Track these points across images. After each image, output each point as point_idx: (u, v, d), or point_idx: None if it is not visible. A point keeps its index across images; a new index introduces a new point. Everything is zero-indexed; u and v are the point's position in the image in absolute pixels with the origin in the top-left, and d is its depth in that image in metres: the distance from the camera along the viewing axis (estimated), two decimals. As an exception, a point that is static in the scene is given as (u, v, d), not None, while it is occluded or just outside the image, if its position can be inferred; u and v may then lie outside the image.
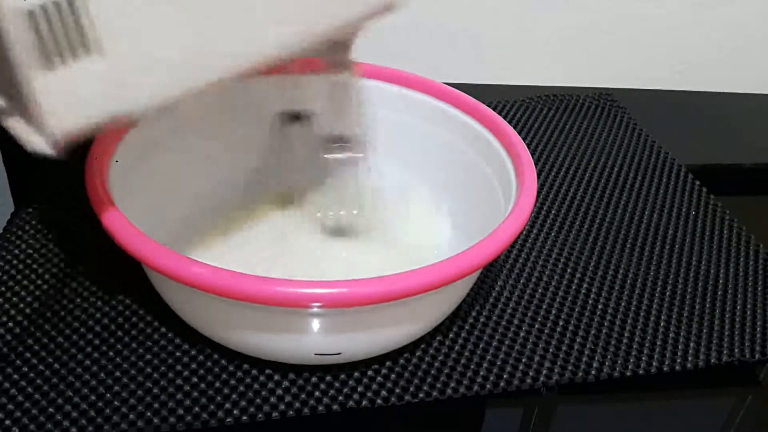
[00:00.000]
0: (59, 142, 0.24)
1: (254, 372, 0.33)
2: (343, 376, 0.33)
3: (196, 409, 0.31)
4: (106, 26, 0.23)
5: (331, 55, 0.35)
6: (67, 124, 0.24)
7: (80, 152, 0.32)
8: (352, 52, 0.35)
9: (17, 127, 0.24)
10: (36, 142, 0.24)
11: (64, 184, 0.43)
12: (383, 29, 0.60)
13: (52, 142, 0.24)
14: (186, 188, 0.38)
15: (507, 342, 0.36)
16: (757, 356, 0.37)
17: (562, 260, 0.42)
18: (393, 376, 0.33)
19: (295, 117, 0.38)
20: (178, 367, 0.33)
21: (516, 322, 0.37)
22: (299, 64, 0.36)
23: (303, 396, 0.32)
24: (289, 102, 0.38)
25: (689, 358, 0.36)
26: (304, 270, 0.37)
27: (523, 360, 0.35)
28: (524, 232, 0.44)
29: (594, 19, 0.61)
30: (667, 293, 0.40)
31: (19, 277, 0.36)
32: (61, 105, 0.23)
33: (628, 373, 0.35)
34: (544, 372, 0.34)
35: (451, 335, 0.36)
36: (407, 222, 0.41)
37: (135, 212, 0.30)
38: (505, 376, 0.34)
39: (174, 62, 0.25)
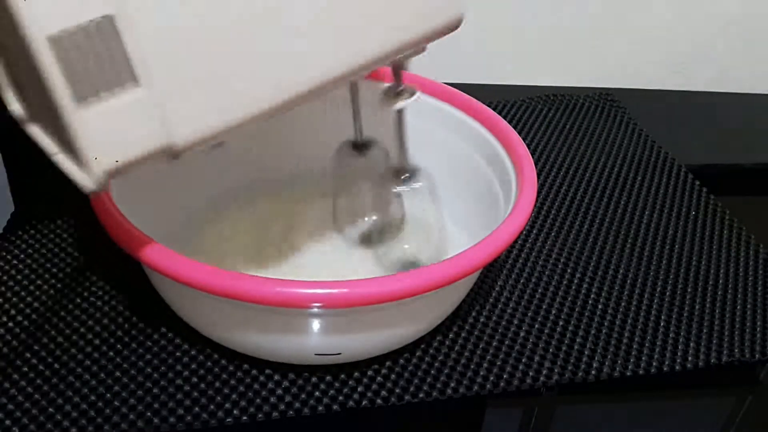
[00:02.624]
0: (102, 179, 0.22)
1: (254, 372, 0.33)
2: (343, 376, 0.33)
3: (196, 409, 0.31)
4: (141, 53, 0.21)
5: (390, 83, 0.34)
6: (108, 160, 0.22)
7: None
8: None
9: (64, 164, 0.23)
10: (81, 179, 0.23)
11: (64, 184, 0.43)
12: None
13: (96, 180, 0.22)
14: (186, 188, 0.38)
15: (507, 342, 0.36)
16: (757, 356, 0.37)
17: (562, 260, 0.42)
18: (393, 376, 0.33)
19: (360, 146, 0.37)
20: (178, 367, 0.33)
21: (516, 322, 0.37)
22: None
23: (303, 396, 0.32)
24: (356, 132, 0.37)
25: (689, 358, 0.36)
26: (306, 272, 0.37)
27: (523, 360, 0.35)
28: (524, 232, 0.44)
29: (594, 19, 0.61)
30: (667, 293, 0.40)
31: (19, 277, 0.36)
32: (101, 141, 0.22)
33: (628, 373, 0.35)
34: (544, 372, 0.34)
35: (451, 335, 0.36)
36: (406, 222, 0.41)
37: (135, 212, 0.30)
38: (505, 376, 0.34)
39: (219, 91, 0.23)
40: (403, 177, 0.36)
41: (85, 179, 0.22)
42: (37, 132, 0.24)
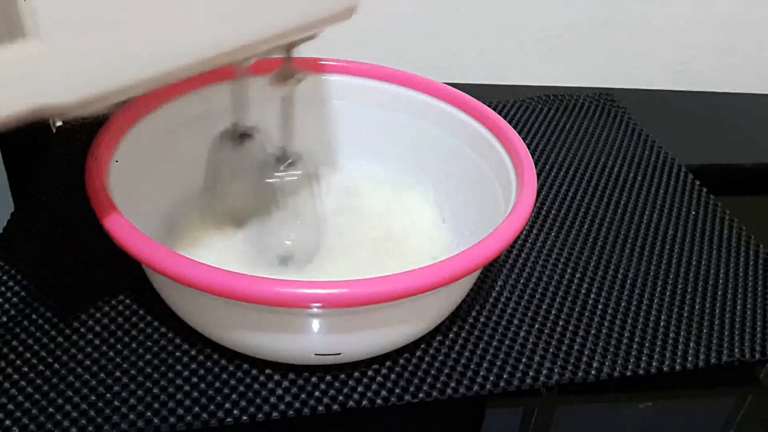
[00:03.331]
0: None
1: (254, 372, 0.33)
2: (343, 376, 0.33)
3: (196, 409, 0.31)
4: (30, 6, 0.21)
5: (281, 65, 0.33)
6: None
7: (80, 152, 0.32)
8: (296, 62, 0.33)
9: None
10: None
11: (64, 184, 0.43)
12: (383, 29, 0.60)
13: None
14: (186, 189, 0.38)
15: (507, 342, 0.36)
16: (757, 356, 0.37)
17: (562, 260, 0.42)
18: (393, 376, 0.33)
19: (243, 135, 0.36)
20: (178, 367, 0.33)
21: (516, 322, 0.37)
22: (246, 70, 0.34)
23: (303, 396, 0.32)
24: (237, 116, 0.36)
25: (689, 358, 0.36)
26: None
27: (523, 360, 0.35)
28: (524, 232, 0.44)
29: (594, 19, 0.62)
30: (667, 293, 0.40)
31: (19, 277, 0.36)
32: None
33: (628, 373, 0.35)
34: (544, 372, 0.34)
35: (451, 335, 0.36)
36: (406, 222, 0.41)
37: (135, 212, 0.30)
38: (505, 376, 0.34)
39: (109, 54, 0.23)
40: (284, 165, 0.35)
41: None
42: None
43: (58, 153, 0.46)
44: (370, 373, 0.33)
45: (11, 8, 0.21)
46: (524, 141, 0.36)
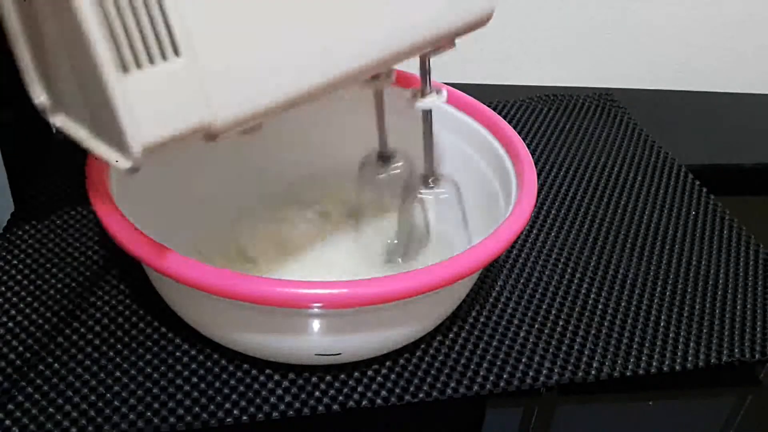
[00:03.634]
0: (139, 154, 0.22)
1: (254, 372, 0.33)
2: (343, 376, 0.33)
3: (196, 409, 0.31)
4: (184, 24, 0.21)
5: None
6: (147, 134, 0.21)
7: (80, 152, 0.32)
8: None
9: (98, 148, 0.23)
10: (117, 158, 0.22)
11: (64, 184, 0.43)
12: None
13: (133, 155, 0.22)
14: (187, 188, 0.38)
15: (507, 342, 0.36)
16: (757, 356, 0.37)
17: (562, 260, 0.42)
18: (393, 376, 0.33)
19: (385, 157, 0.37)
20: (178, 367, 0.33)
21: (516, 322, 0.37)
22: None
23: (303, 396, 0.32)
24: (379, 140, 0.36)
25: (689, 358, 0.36)
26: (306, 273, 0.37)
27: (523, 360, 0.35)
28: (524, 232, 0.44)
29: (594, 19, 0.61)
30: (667, 293, 0.40)
31: (19, 277, 0.36)
32: (141, 113, 0.21)
33: (628, 373, 0.35)
34: (544, 372, 0.34)
35: (451, 335, 0.36)
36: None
37: (135, 212, 0.30)
38: (505, 376, 0.34)
39: (264, 70, 0.23)
40: (429, 184, 0.35)
41: (121, 157, 0.22)
42: (64, 121, 0.24)
43: (58, 153, 0.46)
44: (370, 373, 0.33)
45: (163, 28, 0.21)
46: (524, 141, 0.36)
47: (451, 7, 0.27)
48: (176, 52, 0.21)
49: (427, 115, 0.34)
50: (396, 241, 0.38)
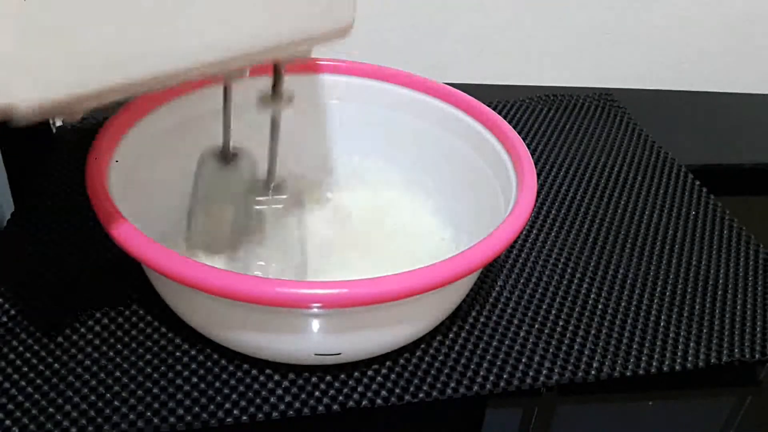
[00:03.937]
0: None
1: (254, 372, 0.33)
2: (343, 376, 0.33)
3: (196, 409, 0.31)
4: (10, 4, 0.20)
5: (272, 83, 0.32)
6: None
7: (80, 152, 0.32)
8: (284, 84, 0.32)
9: None
10: None
11: (64, 184, 0.43)
12: (384, 29, 0.60)
13: None
14: (186, 188, 0.38)
15: (507, 342, 0.36)
16: (757, 356, 0.37)
17: (562, 260, 0.42)
18: (393, 376, 0.33)
19: (227, 156, 0.34)
20: (178, 367, 0.33)
21: (516, 322, 0.37)
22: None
23: (303, 396, 0.32)
24: (224, 136, 0.34)
25: (689, 358, 0.36)
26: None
27: (523, 360, 0.35)
28: (524, 232, 0.44)
29: (594, 19, 0.62)
30: (667, 293, 0.40)
31: (19, 277, 0.36)
32: None
33: (628, 373, 0.35)
34: (544, 372, 0.34)
35: (451, 335, 0.36)
36: (407, 222, 0.41)
37: (135, 212, 0.30)
38: (505, 376, 0.34)
39: (90, 55, 0.22)
40: (269, 189, 0.34)
41: None
42: None
43: (58, 153, 0.46)
44: (370, 373, 0.33)
45: None
46: (524, 141, 0.36)
47: (306, 15, 0.27)
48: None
49: (275, 121, 0.33)
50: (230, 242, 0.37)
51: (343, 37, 0.29)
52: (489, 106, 0.39)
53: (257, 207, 0.34)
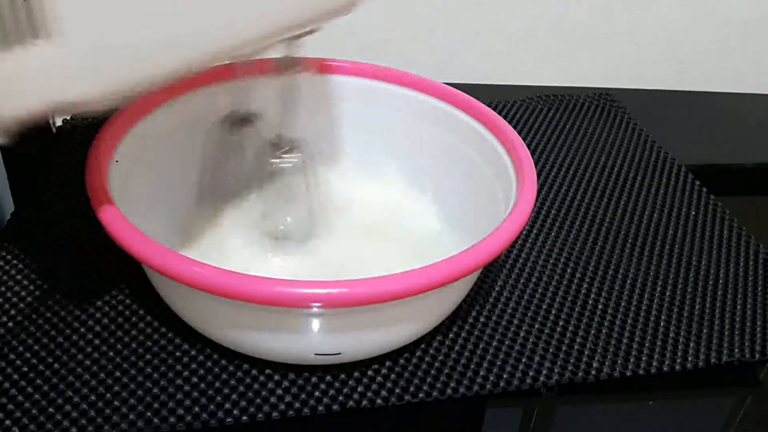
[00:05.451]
0: (9, 127, 0.23)
1: (254, 372, 0.33)
2: (343, 376, 0.33)
3: (196, 409, 0.31)
4: (54, 9, 0.22)
5: (284, 54, 0.34)
6: (12, 109, 0.23)
7: (80, 152, 0.32)
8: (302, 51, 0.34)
9: None
10: None
11: (64, 184, 0.43)
12: (384, 30, 0.60)
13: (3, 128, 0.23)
14: (186, 188, 0.38)
15: (507, 342, 0.36)
16: (757, 356, 0.37)
17: (562, 260, 0.42)
18: (393, 376, 0.33)
19: (242, 120, 0.37)
20: (178, 367, 0.33)
21: (516, 322, 0.37)
22: (247, 67, 0.35)
23: (303, 396, 0.32)
24: (237, 105, 0.37)
25: (689, 358, 0.36)
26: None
27: (523, 360, 0.35)
28: (524, 232, 0.44)
29: (594, 19, 0.62)
30: (667, 293, 0.40)
31: (19, 276, 0.36)
32: (7, 91, 0.22)
33: (628, 373, 0.35)
34: (544, 372, 0.34)
35: (451, 335, 0.36)
36: (407, 222, 0.41)
37: (135, 212, 0.30)
38: (505, 376, 0.34)
39: (128, 50, 0.24)
40: (280, 151, 0.36)
41: None
42: None
43: (58, 153, 0.46)
44: (370, 373, 0.33)
45: (32, 11, 0.21)
46: (524, 141, 0.36)
47: None
48: (44, 35, 0.22)
49: (288, 88, 0.35)
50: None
51: (349, 12, 0.31)
52: (489, 106, 0.39)
53: (272, 165, 0.36)
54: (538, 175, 0.49)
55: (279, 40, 0.29)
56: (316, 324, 0.30)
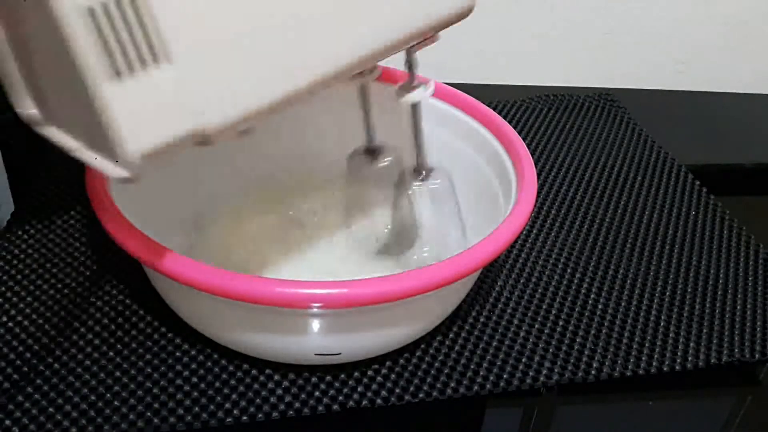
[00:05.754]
0: (137, 162, 0.21)
1: (254, 372, 0.33)
2: (343, 376, 0.33)
3: (196, 409, 0.31)
4: (172, 29, 0.21)
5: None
6: (143, 141, 0.21)
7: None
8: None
9: (91, 159, 0.23)
10: (113, 168, 0.22)
11: (64, 184, 0.43)
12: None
13: (130, 164, 0.21)
14: (187, 188, 0.38)
15: (507, 342, 0.36)
16: (757, 356, 0.37)
17: (562, 260, 0.42)
18: (393, 376, 0.33)
19: (372, 151, 0.37)
20: (178, 367, 0.33)
21: (516, 322, 0.37)
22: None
23: (303, 396, 0.32)
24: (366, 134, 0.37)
25: (689, 358, 0.36)
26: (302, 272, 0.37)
27: (523, 360, 0.35)
28: (524, 232, 0.44)
29: (594, 19, 0.61)
30: (667, 293, 0.40)
31: (19, 277, 0.36)
32: (136, 120, 0.21)
33: (628, 373, 0.35)
34: (544, 372, 0.34)
35: (451, 335, 0.36)
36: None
37: (135, 212, 0.30)
38: (505, 376, 0.34)
39: (252, 73, 0.23)
40: (420, 176, 0.36)
41: (116, 167, 0.21)
42: (54, 133, 0.24)
43: (58, 153, 0.45)
44: (370, 373, 0.33)
45: (141, 29, 0.20)
46: (524, 141, 0.36)
47: (431, 2, 0.28)
48: (164, 58, 0.21)
49: (416, 108, 0.34)
50: (388, 235, 0.38)
51: (468, 15, 0.30)
52: (489, 106, 0.39)
53: (413, 188, 0.36)
54: (538, 175, 0.49)
55: (397, 51, 0.29)
56: (316, 324, 0.30)
